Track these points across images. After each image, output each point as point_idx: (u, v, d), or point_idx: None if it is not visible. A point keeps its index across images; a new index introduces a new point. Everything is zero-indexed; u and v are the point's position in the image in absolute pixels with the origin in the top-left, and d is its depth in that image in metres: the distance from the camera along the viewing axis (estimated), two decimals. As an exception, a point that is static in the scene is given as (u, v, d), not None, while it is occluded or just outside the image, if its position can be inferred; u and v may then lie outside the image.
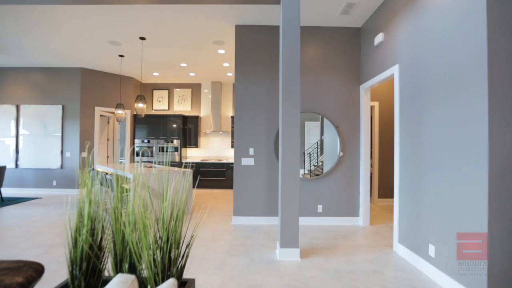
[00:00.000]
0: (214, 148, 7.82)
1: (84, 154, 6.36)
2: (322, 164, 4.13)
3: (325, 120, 4.10)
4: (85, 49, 5.17)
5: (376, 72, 3.60)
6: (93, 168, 5.04)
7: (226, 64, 6.07)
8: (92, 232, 1.27)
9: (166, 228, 1.23)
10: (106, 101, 6.70)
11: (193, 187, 7.16)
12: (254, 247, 3.15)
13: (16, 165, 6.36)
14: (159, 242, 1.23)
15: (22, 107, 6.39)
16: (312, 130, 4.19)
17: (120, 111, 5.43)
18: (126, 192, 4.07)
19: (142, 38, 4.60)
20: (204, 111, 7.86)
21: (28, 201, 5.49)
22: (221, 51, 5.23)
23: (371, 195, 5.33)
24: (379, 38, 3.45)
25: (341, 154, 4.07)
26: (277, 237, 3.47)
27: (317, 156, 4.17)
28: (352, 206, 4.08)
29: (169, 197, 1.35)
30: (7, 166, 6.35)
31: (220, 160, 7.49)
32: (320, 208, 4.07)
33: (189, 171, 4.56)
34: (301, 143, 3.83)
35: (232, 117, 7.53)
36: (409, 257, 2.76)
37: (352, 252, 3.01)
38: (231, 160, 7.45)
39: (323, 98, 4.11)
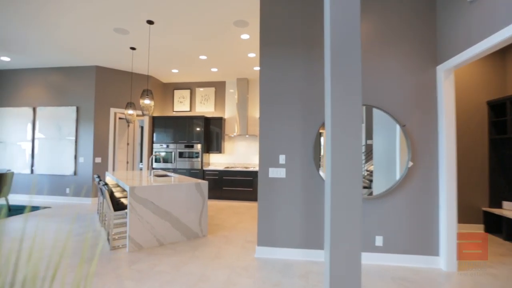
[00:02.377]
0: (239, 153, 6.90)
1: (98, 160, 5.81)
2: (371, 175, 2.93)
3: (375, 117, 2.92)
4: (91, 41, 4.56)
5: (470, 42, 2.37)
6: (98, 176, 4.36)
7: (251, 55, 5.13)
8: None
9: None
10: (123, 102, 6.13)
11: (216, 198, 6.29)
12: (286, 305, 2.09)
13: (32, 171, 6.01)
14: None
15: (38, 109, 6.05)
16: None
17: (130, 111, 4.73)
18: (123, 208, 3.26)
19: (150, 22, 3.84)
20: (229, 112, 6.99)
21: (36, 211, 5.00)
22: (245, 36, 4.29)
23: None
24: (479, -14, 2.23)
25: (411, 164, 2.84)
26: (322, 283, 2.36)
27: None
28: (429, 240, 2.82)
29: None
30: (22, 172, 6.03)
31: (246, 167, 6.53)
32: (379, 241, 2.88)
33: (204, 183, 3.64)
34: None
35: (260, 118, 6.55)
36: None
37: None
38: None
39: (379, 86, 2.94)
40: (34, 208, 5.19)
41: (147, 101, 3.77)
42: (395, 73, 2.93)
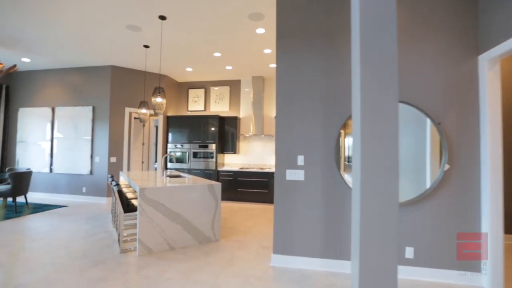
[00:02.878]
0: (255, 154, 6.69)
1: (113, 159, 5.80)
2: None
3: (401, 114, 2.60)
4: (104, 39, 4.52)
5: (524, 25, 2.03)
6: (111, 176, 4.31)
7: (267, 51, 4.91)
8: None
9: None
10: (138, 101, 6.10)
11: (231, 200, 6.12)
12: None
13: (50, 170, 6.11)
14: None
15: (57, 109, 6.14)
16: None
17: (144, 110, 4.65)
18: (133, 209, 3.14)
19: (162, 18, 3.71)
20: (244, 111, 6.80)
21: (52, 210, 5.04)
22: (260, 30, 4.08)
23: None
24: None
25: (447, 167, 2.51)
26: (342, 303, 2.11)
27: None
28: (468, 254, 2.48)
29: None
30: (42, 171, 6.14)
31: (262, 168, 6.32)
32: (409, 253, 2.57)
33: (218, 185, 3.46)
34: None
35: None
36: None
37: None
38: (275, 169, 6.21)
39: (410, 79, 2.63)
40: (52, 207, 5.24)
41: (159, 99, 3.65)
42: (429, 64, 2.61)
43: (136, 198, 3.36)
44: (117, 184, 3.45)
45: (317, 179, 2.71)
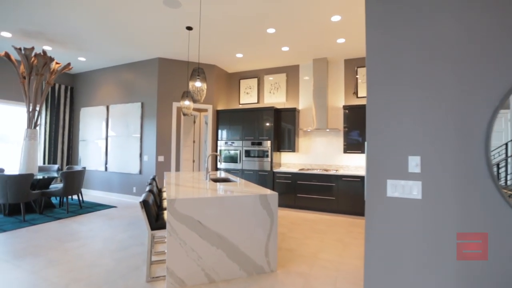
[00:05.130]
0: (317, 152, 5.56)
1: (161, 158, 5.38)
2: None
3: None
4: (143, 21, 4.00)
5: None
6: (153, 178, 3.75)
7: (335, 18, 3.75)
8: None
9: None
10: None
11: (288, 207, 5.15)
12: None
13: (105, 168, 6.05)
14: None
15: (110, 107, 6.05)
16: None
17: (186, 102, 4.00)
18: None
19: (201, -21, 2.93)
20: (304, 102, 5.72)
21: (102, 210, 4.82)
22: (329, -17, 2.97)
23: None
24: None
25: None
26: None
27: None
28: None
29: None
30: (99, 169, 6.13)
31: (326, 170, 5.16)
32: None
33: (273, 196, 2.52)
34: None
35: (346, 108, 5.07)
36: None
37: None
38: (344, 171, 4.99)
39: None
40: (103, 207, 5.04)
41: (198, 84, 2.87)
42: None
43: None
44: (150, 191, 2.80)
45: (448, 198, 1.51)
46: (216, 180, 3.72)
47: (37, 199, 4.49)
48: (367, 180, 1.71)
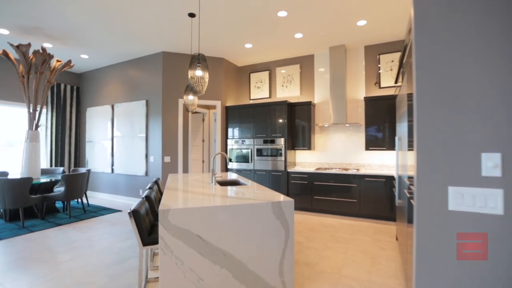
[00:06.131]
0: (336, 150, 5.06)
1: (167, 159, 5.06)
2: None
3: None
4: (141, 10, 3.65)
5: None
6: (156, 181, 3.41)
7: None
8: None
9: None
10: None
11: (305, 210, 4.70)
12: None
13: (112, 170, 5.80)
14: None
15: (115, 106, 5.79)
16: None
17: (190, 97, 3.62)
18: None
19: (200, -49, 2.52)
20: (320, 96, 5.23)
21: (106, 215, 4.54)
22: None
23: None
24: None
25: None
26: None
27: None
28: None
29: None
30: (105, 171, 5.90)
31: (346, 169, 4.66)
32: None
33: (288, 203, 2.09)
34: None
35: (367, 100, 4.54)
36: None
37: None
38: (366, 170, 4.47)
39: None
40: (107, 211, 4.78)
41: (198, 72, 2.47)
42: None
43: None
44: (147, 197, 2.44)
45: (545, 216, 1.04)
46: (223, 183, 3.33)
47: (39, 204, 4.27)
48: (417, 187, 1.24)
